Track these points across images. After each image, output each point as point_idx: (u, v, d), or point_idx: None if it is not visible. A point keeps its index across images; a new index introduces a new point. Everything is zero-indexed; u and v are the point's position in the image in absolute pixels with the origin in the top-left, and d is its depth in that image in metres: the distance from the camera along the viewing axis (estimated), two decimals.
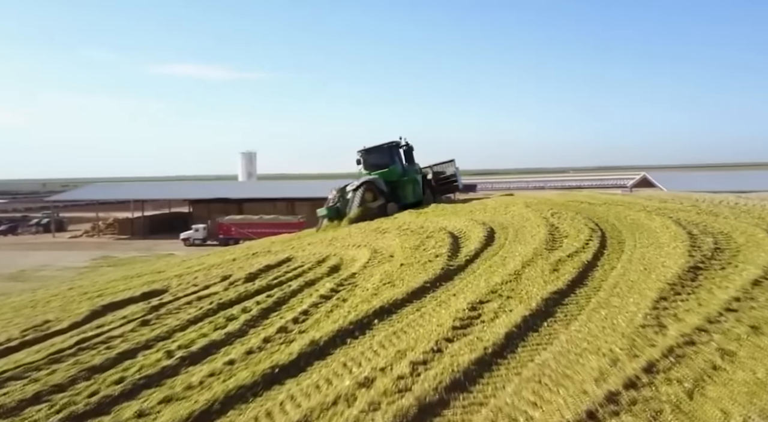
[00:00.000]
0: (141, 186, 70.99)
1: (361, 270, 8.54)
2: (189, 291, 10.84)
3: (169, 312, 8.85)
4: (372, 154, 19.35)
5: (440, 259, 7.88)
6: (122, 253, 47.34)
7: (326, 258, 11.14)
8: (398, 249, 9.74)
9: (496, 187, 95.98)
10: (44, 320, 10.81)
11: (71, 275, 31.20)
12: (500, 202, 15.10)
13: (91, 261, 44.08)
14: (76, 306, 12.56)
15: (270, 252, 14.73)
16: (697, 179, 53.60)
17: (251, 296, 8.06)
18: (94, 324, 9.42)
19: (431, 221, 12.75)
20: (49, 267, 42.30)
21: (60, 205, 67.38)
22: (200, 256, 21.85)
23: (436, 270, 7.30)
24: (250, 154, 75.09)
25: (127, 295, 11.82)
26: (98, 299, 13.14)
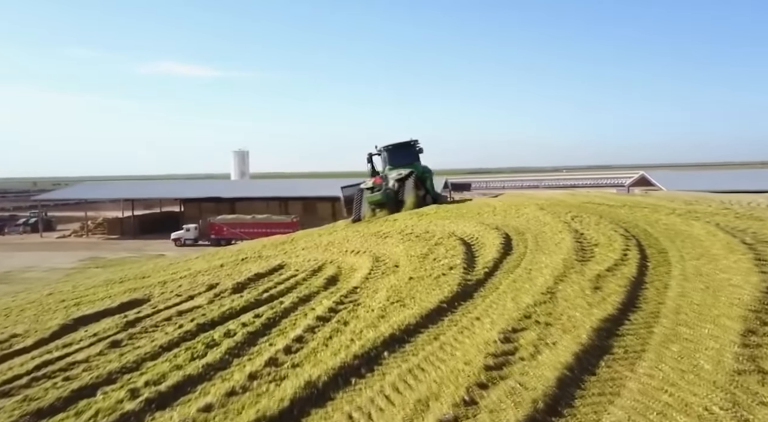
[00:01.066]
0: (132, 185, 69.61)
1: (363, 283, 7.48)
2: (170, 302, 9.84)
3: (144, 331, 7.79)
4: (398, 150, 19.82)
5: (455, 272, 6.83)
6: (111, 254, 46.13)
7: (322, 266, 10.08)
8: (403, 257, 8.68)
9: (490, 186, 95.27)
10: (12, 334, 9.91)
11: (57, 277, 30.11)
12: (509, 203, 14.06)
13: (78, 262, 42.89)
14: (50, 316, 11.64)
15: (260, 258, 13.67)
16: (696, 178, 52.88)
17: (236, 315, 6.98)
18: (62, 342, 8.45)
19: (436, 225, 11.70)
20: (35, 268, 41.06)
21: (51, 204, 66.00)
22: (188, 260, 20.80)
23: (452, 285, 6.24)
24: (243, 153, 73.88)
25: (104, 305, 10.92)
26: (74, 308, 12.25)
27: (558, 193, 18.36)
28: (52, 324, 9.95)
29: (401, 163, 19.48)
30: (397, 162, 19.59)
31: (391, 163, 19.63)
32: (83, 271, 34.66)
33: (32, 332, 9.62)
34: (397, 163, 19.51)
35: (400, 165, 19.37)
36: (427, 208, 17.60)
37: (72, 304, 12.70)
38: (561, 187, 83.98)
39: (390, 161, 19.71)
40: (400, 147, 19.96)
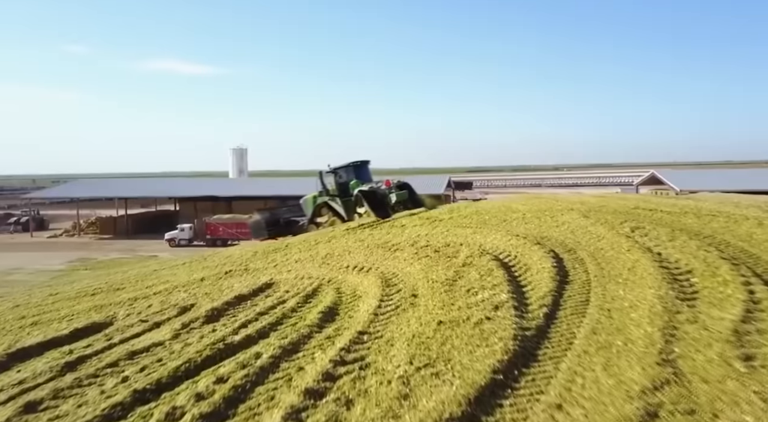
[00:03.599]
0: (127, 183, 67.61)
1: (372, 323, 5.44)
2: (130, 333, 7.93)
3: (78, 384, 5.79)
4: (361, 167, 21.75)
5: (503, 315, 4.80)
6: (102, 255, 44.23)
7: (318, 288, 8.05)
8: (422, 282, 6.65)
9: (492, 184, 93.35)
10: None
11: (42, 279, 28.24)
12: (539, 208, 11.99)
13: (67, 263, 41.00)
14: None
15: (246, 271, 11.63)
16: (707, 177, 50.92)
17: (194, 372, 4.95)
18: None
19: (456, 235, 9.65)
20: (21, 270, 39.15)
21: (46, 202, 64.08)
22: (174, 266, 18.83)
23: (505, 340, 4.21)
24: (241, 150, 71.89)
25: (56, 331, 9.01)
26: (30, 328, 10.39)
27: (587, 195, 16.28)
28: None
29: (365, 178, 21.04)
30: (363, 177, 21.06)
31: (358, 178, 21.02)
32: (69, 274, 32.76)
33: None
34: (363, 178, 20.92)
35: (365, 180, 20.79)
36: (440, 212, 15.58)
37: (29, 323, 10.94)
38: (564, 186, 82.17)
39: (357, 176, 21.20)
40: (363, 164, 21.90)
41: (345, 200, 20.87)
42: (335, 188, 21.30)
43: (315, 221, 21.86)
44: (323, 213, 21.84)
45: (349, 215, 20.39)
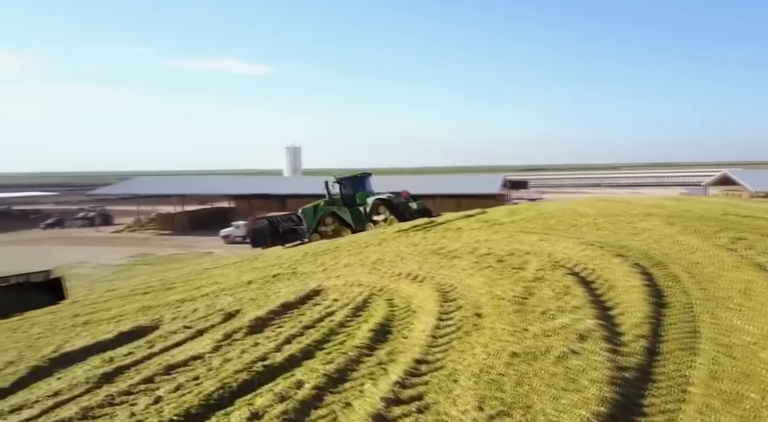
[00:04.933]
0: (185, 180, 69.61)
1: (430, 348, 4.69)
2: (171, 341, 7.53)
3: (110, 402, 5.35)
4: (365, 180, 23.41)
5: (592, 347, 3.94)
6: (161, 250, 45.35)
7: (368, 299, 7.36)
8: (486, 299, 5.83)
9: (548, 183, 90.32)
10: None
11: (104, 274, 29.12)
12: (611, 212, 10.86)
13: (128, 258, 42.28)
14: (47, 341, 9.72)
15: (294, 275, 11.12)
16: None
17: (229, 400, 4.35)
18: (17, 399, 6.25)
19: (521, 241, 8.73)
20: (85, 264, 40.65)
21: (111, 198, 66.70)
22: (225, 266, 18.80)
23: (600, 386, 3.37)
24: (295, 149, 72.51)
25: (102, 334, 8.85)
26: (80, 329, 10.32)
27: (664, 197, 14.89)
28: (38, 357, 8.03)
29: (367, 189, 22.70)
30: (366, 188, 22.81)
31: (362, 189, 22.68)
32: (129, 269, 33.63)
33: (5, 371, 7.82)
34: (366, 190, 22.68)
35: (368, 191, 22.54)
36: (499, 214, 14.63)
37: (81, 322, 11.03)
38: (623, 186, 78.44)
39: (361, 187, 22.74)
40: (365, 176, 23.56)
41: (352, 209, 21.90)
42: (340, 198, 22.28)
43: (319, 230, 22.46)
44: (328, 223, 22.44)
45: (358, 223, 21.37)
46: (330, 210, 22.35)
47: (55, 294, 17.21)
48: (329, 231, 22.11)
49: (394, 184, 49.61)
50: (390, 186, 34.76)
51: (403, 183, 51.16)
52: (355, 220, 21.66)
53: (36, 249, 41.10)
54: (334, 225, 22.31)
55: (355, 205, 21.98)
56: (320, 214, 22.54)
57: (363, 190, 22.68)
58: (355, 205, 21.98)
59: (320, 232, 22.38)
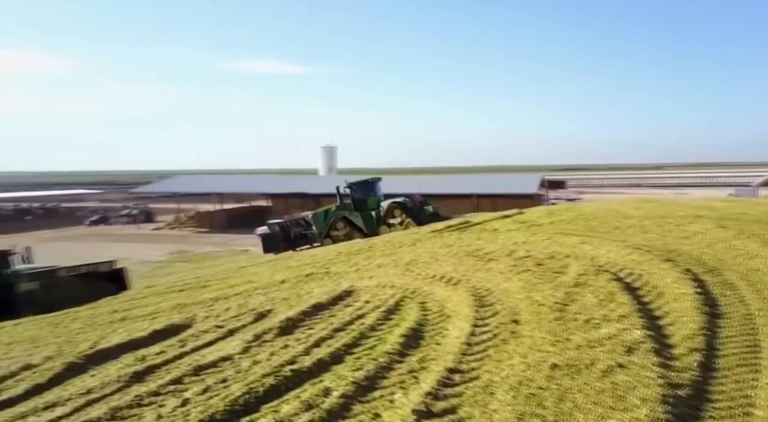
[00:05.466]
0: (223, 179, 70.91)
1: (464, 356, 4.45)
2: (203, 340, 7.49)
3: (138, 403, 5.31)
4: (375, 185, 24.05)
5: (642, 360, 3.63)
6: (199, 248, 46.22)
7: (401, 301, 7.14)
8: (524, 304, 5.54)
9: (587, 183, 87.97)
10: (25, 365, 8.07)
11: (144, 270, 29.89)
12: (656, 213, 10.34)
13: (168, 255, 43.22)
14: (85, 337, 9.86)
15: (327, 275, 11.00)
16: None
17: (254, 406, 4.22)
18: (52, 395, 6.27)
19: (561, 244, 8.36)
20: (127, 260, 41.77)
21: (153, 196, 68.53)
22: (260, 264, 18.92)
23: (653, 406, 3.07)
24: (331, 148, 72.88)
25: (136, 332, 8.91)
26: (117, 325, 10.45)
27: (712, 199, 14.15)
28: (75, 353, 8.13)
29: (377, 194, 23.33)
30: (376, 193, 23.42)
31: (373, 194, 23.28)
32: (168, 265, 34.41)
33: (43, 366, 7.84)
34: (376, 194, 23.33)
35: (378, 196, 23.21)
36: (535, 214, 14.20)
37: (118, 319, 11.18)
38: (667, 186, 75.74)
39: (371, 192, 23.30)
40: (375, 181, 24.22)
41: (364, 214, 22.36)
42: (351, 203, 22.63)
43: (331, 234, 22.69)
44: (340, 227, 22.75)
45: (370, 228, 21.89)
46: (341, 214, 22.71)
47: (118, 285, 17.80)
48: (341, 236, 22.32)
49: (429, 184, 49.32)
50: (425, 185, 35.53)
51: (438, 182, 50.80)
52: (366, 225, 22.12)
53: (81, 246, 42.54)
54: (346, 229, 22.63)
55: (366, 210, 22.43)
56: (332, 219, 22.86)
57: (374, 195, 23.21)
58: (366, 210, 22.43)
59: (332, 237, 22.57)
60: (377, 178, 24.65)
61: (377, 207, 22.53)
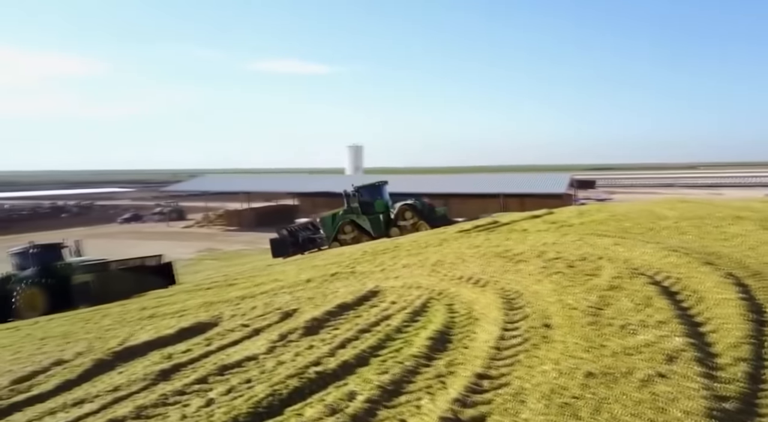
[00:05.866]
0: (251, 178, 71.74)
1: (494, 361, 4.30)
2: (228, 339, 7.50)
3: (163, 402, 5.30)
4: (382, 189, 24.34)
5: (684, 370, 3.43)
6: (227, 246, 46.82)
7: (427, 303, 7.01)
8: (556, 308, 5.35)
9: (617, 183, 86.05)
10: (56, 360, 8.28)
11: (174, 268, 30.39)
12: (691, 213, 9.96)
13: (196, 253, 43.85)
14: (114, 334, 10.00)
15: (353, 274, 10.93)
16: None
17: (277, 409, 4.14)
18: (80, 392, 6.33)
19: (593, 245, 8.11)
20: None
21: (183, 195, 69.82)
22: (285, 263, 19.02)
23: (697, 419, 2.88)
24: (357, 148, 72.93)
25: (164, 329, 8.99)
26: (145, 322, 10.56)
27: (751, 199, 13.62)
28: (104, 349, 8.25)
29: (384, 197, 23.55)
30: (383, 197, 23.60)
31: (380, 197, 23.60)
32: (197, 263, 34.87)
33: (73, 362, 7.97)
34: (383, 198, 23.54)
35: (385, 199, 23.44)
36: (566, 214, 13.88)
37: (146, 316, 11.33)
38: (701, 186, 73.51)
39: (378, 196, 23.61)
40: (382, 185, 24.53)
41: (371, 217, 22.58)
42: (358, 206, 22.80)
43: (338, 238, 22.84)
44: (347, 231, 22.94)
45: (377, 231, 22.14)
46: (349, 218, 22.93)
47: (166, 278, 17.88)
48: (348, 240, 22.46)
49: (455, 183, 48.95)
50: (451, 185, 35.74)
51: (465, 182, 50.39)
52: (374, 228, 22.39)
53: (113, 243, 43.39)
54: (354, 233, 22.80)
55: (373, 213, 22.70)
56: (339, 223, 23.07)
57: (380, 198, 23.49)
58: (373, 213, 22.70)
59: (339, 240, 22.74)
60: (384, 182, 24.96)
61: (384, 210, 22.86)
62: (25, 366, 8.13)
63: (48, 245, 18.68)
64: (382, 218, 22.62)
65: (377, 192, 23.89)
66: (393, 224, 22.24)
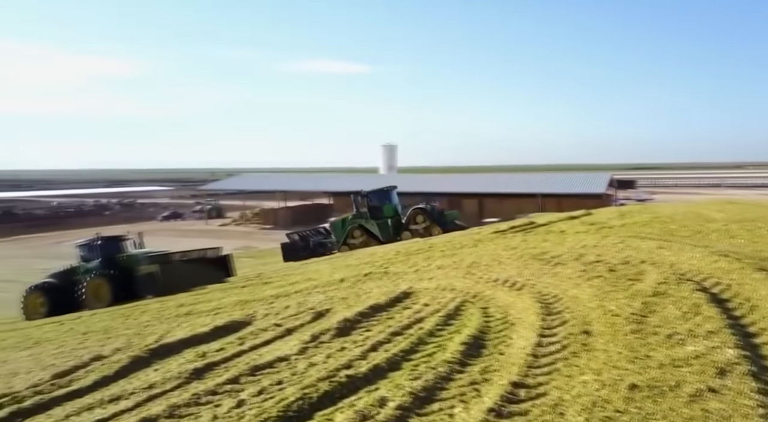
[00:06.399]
0: (287, 177, 72.60)
1: (531, 369, 4.13)
2: (261, 338, 7.52)
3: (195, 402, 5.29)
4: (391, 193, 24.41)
5: (737, 385, 3.19)
6: (263, 244, 47.45)
7: (461, 306, 6.85)
8: (596, 314, 5.12)
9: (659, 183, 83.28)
10: (95, 355, 8.42)
11: None
12: (741, 215, 9.48)
13: (233, 250, 44.57)
14: (152, 330, 10.16)
15: (386, 275, 10.84)
16: None
17: (307, 413, 4.08)
18: (117, 388, 6.41)
19: (636, 248, 7.78)
20: None
21: (221, 193, 71.29)
22: (318, 262, 19.07)
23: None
24: (391, 147, 72.90)
25: (199, 327, 9.09)
26: (182, 319, 10.70)
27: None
28: (141, 346, 8.39)
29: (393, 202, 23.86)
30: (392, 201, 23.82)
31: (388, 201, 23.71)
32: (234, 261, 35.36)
33: (112, 358, 8.13)
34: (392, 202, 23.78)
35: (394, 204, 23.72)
36: (605, 215, 13.46)
37: (183, 313, 11.51)
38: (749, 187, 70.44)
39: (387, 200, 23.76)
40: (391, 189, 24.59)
41: (379, 222, 22.78)
42: (367, 211, 23.03)
43: (348, 242, 23.01)
44: (356, 235, 23.14)
45: (385, 236, 22.33)
46: (358, 223, 23.12)
47: (224, 271, 18.06)
48: (357, 244, 22.68)
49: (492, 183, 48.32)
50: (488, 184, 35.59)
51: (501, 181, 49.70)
52: (382, 232, 22.57)
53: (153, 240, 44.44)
54: (362, 237, 23.00)
55: (382, 218, 22.90)
56: (348, 227, 23.29)
57: (389, 203, 23.66)
58: (382, 218, 22.90)
59: (348, 245, 22.95)
60: (393, 187, 25.07)
61: (393, 215, 23.12)
62: (66, 360, 8.34)
63: (111, 237, 18.98)
64: (391, 222, 22.83)
65: (386, 196, 24.03)
66: (405, 228, 22.47)
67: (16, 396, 6.40)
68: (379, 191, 24.46)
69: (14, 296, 21.16)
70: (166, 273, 16.20)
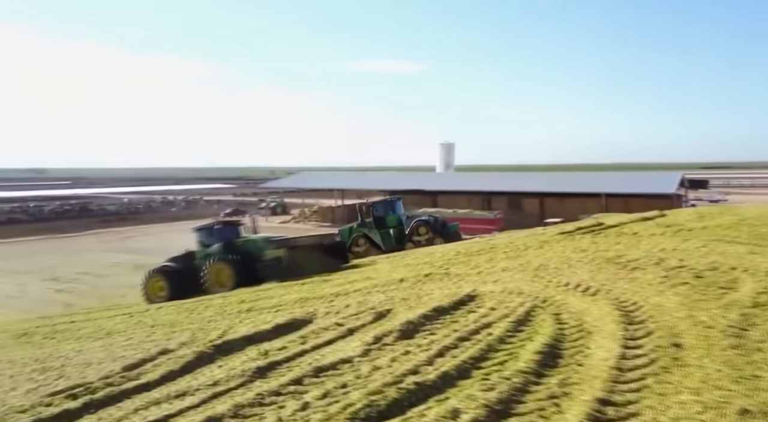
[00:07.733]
0: (344, 175, 73.30)
1: (616, 385, 3.78)
2: (323, 338, 7.45)
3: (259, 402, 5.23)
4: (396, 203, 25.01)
5: None
6: None
7: (531, 312, 6.49)
8: (686, 325, 4.68)
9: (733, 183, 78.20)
10: (162, 349, 8.67)
11: None
12: None
13: None
14: (215, 325, 10.36)
15: (447, 276, 10.55)
16: None
17: (375, 420, 3.90)
18: (183, 383, 6.49)
19: (721, 253, 7.18)
20: None
21: (280, 191, 72.97)
22: (377, 262, 18.93)
23: None
24: (449, 145, 72.13)
25: (262, 324, 9.18)
26: (244, 316, 10.83)
27: None
28: (206, 341, 8.54)
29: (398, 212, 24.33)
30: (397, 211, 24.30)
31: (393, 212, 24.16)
32: None
33: (178, 352, 8.32)
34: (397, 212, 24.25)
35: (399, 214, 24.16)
36: (682, 217, 12.62)
37: (245, 309, 11.67)
38: None
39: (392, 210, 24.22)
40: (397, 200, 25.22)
41: (382, 232, 23.20)
42: (372, 221, 23.44)
43: (352, 250, 22.89)
44: (360, 243, 23.41)
45: (387, 245, 22.65)
46: (362, 231, 23.59)
47: (340, 257, 17.84)
48: (360, 252, 22.83)
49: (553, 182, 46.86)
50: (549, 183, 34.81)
51: (563, 180, 48.09)
52: (384, 242, 23.08)
53: None
54: (365, 246, 23.34)
55: (385, 227, 23.42)
56: (353, 236, 23.65)
57: (393, 213, 24.17)
58: (385, 227, 23.42)
59: (353, 253, 23.00)
60: (398, 197, 25.85)
61: (397, 225, 23.65)
62: (135, 352, 8.57)
63: (229, 222, 19.12)
64: (393, 233, 23.32)
65: (390, 207, 24.63)
66: (408, 239, 23.02)
67: (89, 387, 6.58)
68: (384, 202, 25.46)
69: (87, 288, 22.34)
70: (292, 257, 15.87)
